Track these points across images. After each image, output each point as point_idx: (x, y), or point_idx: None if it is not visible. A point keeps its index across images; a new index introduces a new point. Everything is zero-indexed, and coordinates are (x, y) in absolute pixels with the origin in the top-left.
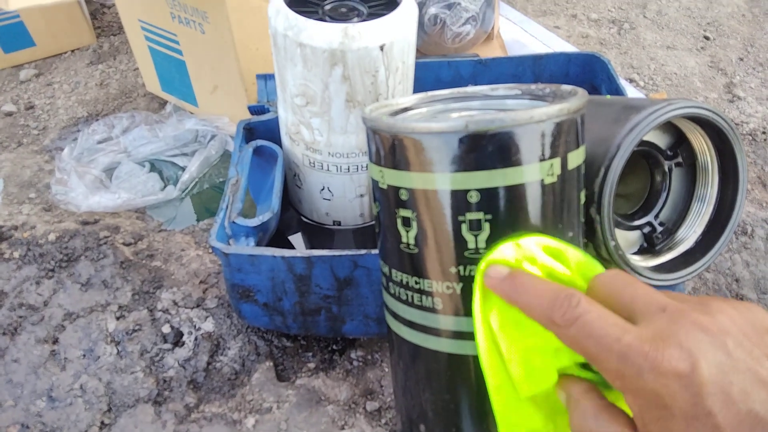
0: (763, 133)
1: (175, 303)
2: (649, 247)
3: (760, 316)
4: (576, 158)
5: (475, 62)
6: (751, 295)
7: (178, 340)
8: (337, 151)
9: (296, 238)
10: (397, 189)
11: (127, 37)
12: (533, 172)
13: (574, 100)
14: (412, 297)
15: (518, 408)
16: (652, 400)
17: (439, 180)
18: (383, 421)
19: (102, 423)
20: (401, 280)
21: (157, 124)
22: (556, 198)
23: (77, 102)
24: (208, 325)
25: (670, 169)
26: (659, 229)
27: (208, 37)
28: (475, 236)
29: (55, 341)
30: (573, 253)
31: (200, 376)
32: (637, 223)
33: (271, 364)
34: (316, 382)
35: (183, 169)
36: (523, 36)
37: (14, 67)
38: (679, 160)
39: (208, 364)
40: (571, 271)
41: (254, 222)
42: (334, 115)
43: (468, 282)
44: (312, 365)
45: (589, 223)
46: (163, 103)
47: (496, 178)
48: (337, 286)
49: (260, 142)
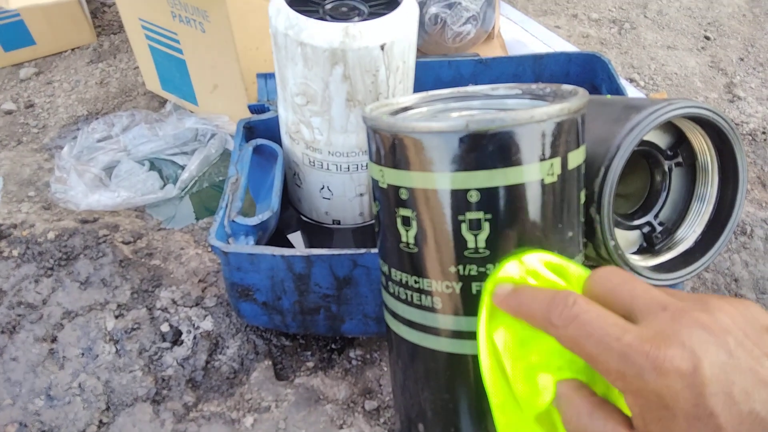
0: (763, 133)
1: (174, 302)
2: (648, 247)
3: (757, 314)
4: (576, 158)
5: (475, 62)
6: (750, 295)
7: (176, 339)
8: (337, 150)
9: (296, 237)
10: (397, 188)
11: (128, 36)
12: (533, 171)
13: (575, 99)
14: (412, 296)
15: (522, 426)
16: (654, 401)
17: (439, 179)
18: (382, 421)
19: (100, 422)
20: (401, 280)
21: (156, 123)
22: (556, 198)
23: (77, 100)
24: (207, 324)
25: (670, 169)
26: (659, 228)
27: (209, 36)
28: (475, 236)
29: (54, 340)
30: (575, 269)
31: (199, 374)
32: (637, 222)
33: (270, 363)
34: (315, 381)
35: (183, 168)
36: (524, 36)
37: (14, 66)
38: (679, 159)
39: (207, 362)
40: (573, 286)
41: (254, 221)
42: (335, 114)
43: (467, 281)
44: (311, 364)
45: (589, 222)
46: (163, 102)
47: (497, 178)
48: (337, 286)
49: (260, 141)
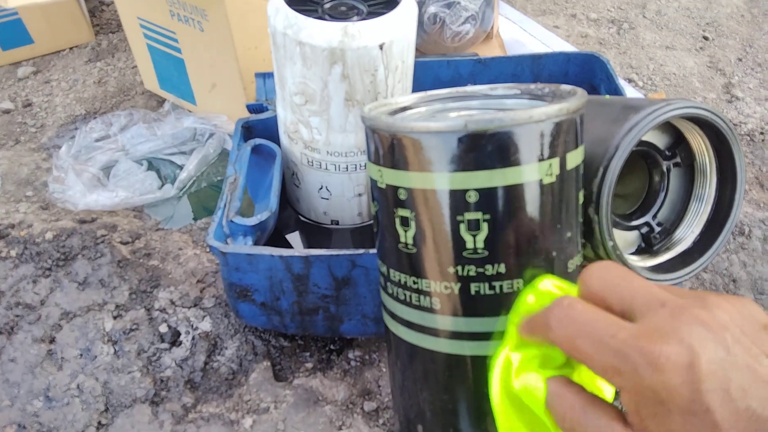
0: (761, 133)
1: (173, 302)
2: (647, 248)
3: (756, 312)
4: (575, 158)
5: (474, 61)
6: (748, 295)
7: (175, 340)
8: (336, 150)
9: (294, 238)
10: (395, 188)
11: (126, 35)
12: (532, 172)
13: (574, 100)
14: (410, 297)
15: None
16: (650, 396)
17: (438, 180)
18: (381, 422)
19: (99, 423)
20: (399, 280)
21: (155, 123)
22: (554, 198)
23: (75, 100)
24: (206, 325)
25: (669, 170)
26: (657, 229)
27: (207, 35)
28: (474, 236)
29: (52, 341)
30: None
31: (197, 376)
32: (635, 223)
33: (269, 363)
34: (314, 382)
35: (181, 168)
36: (523, 35)
37: (12, 65)
38: (678, 160)
39: (206, 363)
40: None
41: (252, 221)
42: (333, 113)
43: (466, 282)
44: (309, 365)
45: (588, 223)
46: (162, 101)
47: (495, 178)
48: (335, 286)
49: (258, 141)
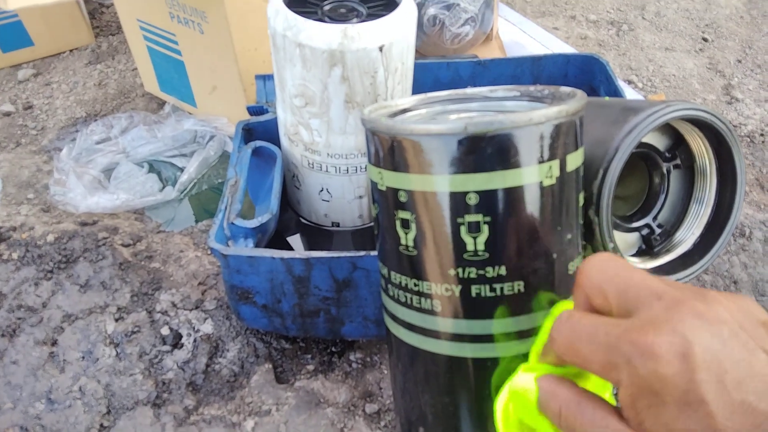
0: (761, 135)
1: (174, 305)
2: (647, 249)
3: (754, 309)
4: (575, 160)
5: (474, 63)
6: (749, 297)
7: (176, 342)
8: (336, 152)
9: (295, 240)
10: (396, 191)
11: (126, 37)
12: (532, 174)
13: (573, 102)
14: (411, 299)
15: None
16: (644, 387)
17: (438, 182)
18: (382, 424)
19: (101, 425)
20: (400, 282)
21: (155, 125)
22: (554, 200)
23: (76, 102)
24: (207, 327)
25: (669, 171)
26: (657, 231)
27: (207, 38)
28: (474, 238)
29: (54, 343)
30: None
31: (199, 378)
32: (636, 224)
33: (270, 366)
34: (315, 384)
35: (182, 170)
36: (522, 37)
37: (12, 67)
38: (678, 162)
39: (207, 366)
40: None
41: (253, 223)
42: (333, 115)
43: (467, 284)
44: (311, 367)
45: (588, 225)
46: (162, 104)
47: (495, 180)
48: (336, 288)
49: (259, 143)
